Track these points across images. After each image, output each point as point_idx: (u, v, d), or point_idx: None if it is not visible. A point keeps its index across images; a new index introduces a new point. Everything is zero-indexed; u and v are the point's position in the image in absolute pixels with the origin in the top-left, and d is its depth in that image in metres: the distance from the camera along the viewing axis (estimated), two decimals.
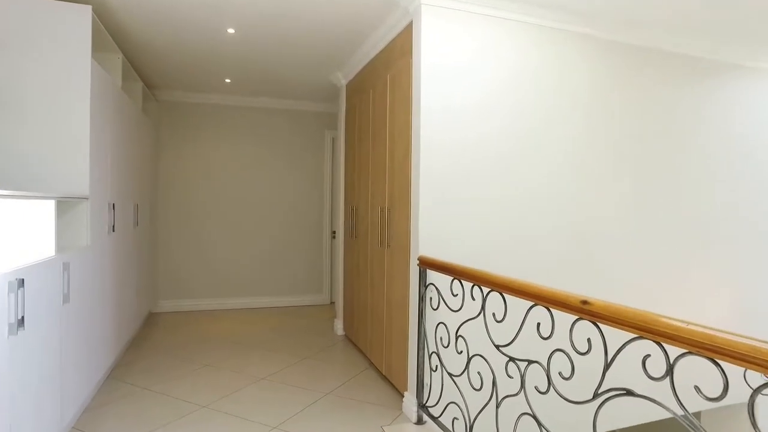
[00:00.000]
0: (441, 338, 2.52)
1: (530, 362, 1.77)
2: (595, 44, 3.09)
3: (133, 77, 4.11)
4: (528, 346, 1.90)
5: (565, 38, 3.00)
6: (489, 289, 2.00)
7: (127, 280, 3.65)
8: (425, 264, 2.55)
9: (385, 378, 3.32)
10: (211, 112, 5.32)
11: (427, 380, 2.60)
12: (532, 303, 1.73)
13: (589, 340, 1.45)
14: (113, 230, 3.10)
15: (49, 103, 2.49)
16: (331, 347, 4.06)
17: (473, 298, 2.15)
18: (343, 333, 4.42)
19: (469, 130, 2.77)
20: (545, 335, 1.68)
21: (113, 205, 3.10)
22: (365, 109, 3.73)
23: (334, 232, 5.78)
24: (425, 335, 2.59)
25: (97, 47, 3.22)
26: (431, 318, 2.59)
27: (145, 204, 4.41)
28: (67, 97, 2.51)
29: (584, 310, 1.46)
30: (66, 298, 2.20)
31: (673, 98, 3.35)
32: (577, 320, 1.53)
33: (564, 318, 1.62)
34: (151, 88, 4.99)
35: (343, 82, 4.40)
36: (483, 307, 2.07)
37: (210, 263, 5.33)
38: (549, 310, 1.66)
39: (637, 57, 3.22)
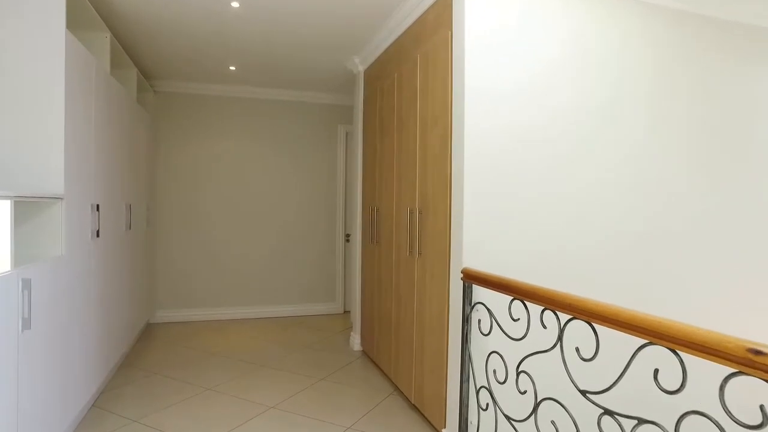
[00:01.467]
0: (495, 371, 2.05)
1: (643, 421, 1.29)
2: (663, 16, 2.60)
3: (126, 63, 3.67)
4: (637, 396, 1.42)
5: (626, 7, 2.52)
6: (570, 317, 1.52)
7: (117, 291, 3.20)
8: (471, 278, 2.08)
9: (414, 407, 2.84)
10: (215, 105, 4.88)
11: (473, 419, 2.13)
12: (645, 341, 1.26)
13: (763, 408, 0.97)
14: (97, 235, 2.65)
15: (13, 85, 2.04)
16: (349, 366, 3.60)
17: (544, 326, 1.68)
18: (361, 348, 3.95)
19: (520, 114, 2.29)
20: (671, 387, 1.20)
21: (97, 206, 2.65)
22: (388, 97, 3.26)
23: (348, 236, 5.32)
24: (471, 365, 2.12)
25: (80, 23, 2.77)
26: (480, 345, 2.12)
27: (140, 205, 3.97)
28: (34, 77, 2.07)
29: (754, 364, 0.98)
30: (26, 324, 1.75)
31: (759, 80, 2.85)
32: (733, 374, 1.05)
33: (707, 367, 1.14)
34: (148, 78, 4.56)
35: (361, 68, 3.94)
36: (560, 339, 1.60)
37: (214, 269, 4.88)
38: (676, 353, 1.19)
39: (714, 31, 2.73)
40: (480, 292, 2.10)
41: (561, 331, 1.60)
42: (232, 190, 4.93)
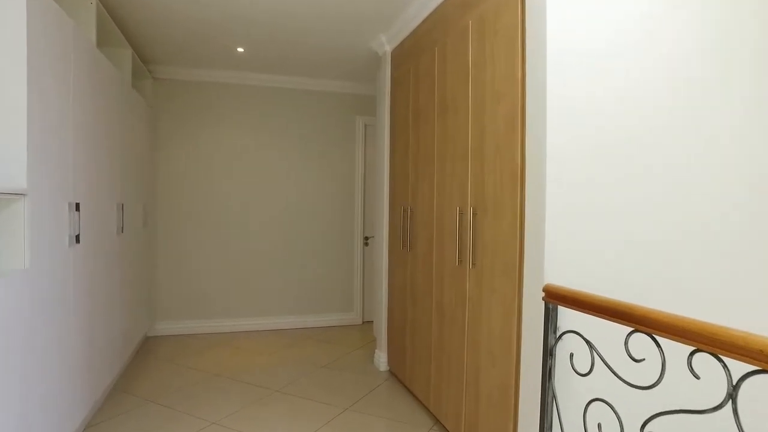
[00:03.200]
0: (600, 426, 1.54)
1: None
2: None
3: (118, 41, 3.18)
4: None
5: None
6: (757, 368, 1.01)
7: (105, 305, 2.72)
8: (558, 298, 1.58)
9: None
10: (220, 94, 4.38)
11: None
12: None
13: None
14: (77, 240, 2.16)
15: None
16: (376, 391, 3.09)
17: (695, 374, 1.17)
18: (388, 368, 3.45)
19: (613, 80, 1.78)
20: None
21: (77, 205, 2.16)
22: (426, 78, 2.76)
23: (366, 239, 4.81)
24: (557, 412, 1.61)
25: None
26: (572, 387, 1.61)
27: (136, 205, 3.48)
28: None
29: None
30: None
31: None
32: None
33: None
34: (146, 63, 4.07)
35: (388, 48, 3.44)
36: (732, 399, 1.09)
37: (219, 276, 4.39)
38: None
39: None
40: (570, 317, 1.59)
41: (735, 386, 1.09)
42: (240, 188, 4.44)
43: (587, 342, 1.52)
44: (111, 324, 2.82)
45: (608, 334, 1.45)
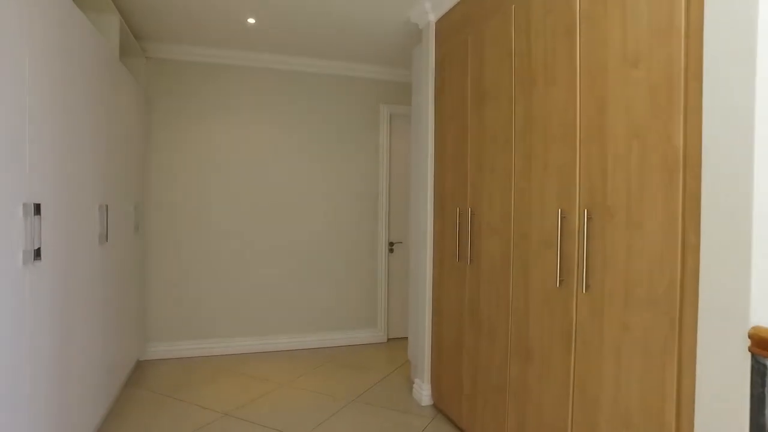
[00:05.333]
0: None
1: None
2: None
3: (103, 3, 2.57)
4: None
5: None
6: None
7: (82, 335, 2.10)
8: None
9: None
10: (225, 77, 3.77)
11: None
12: None
13: None
14: (37, 256, 1.54)
15: None
16: None
17: None
18: (431, 402, 2.86)
19: None
20: None
21: (37, 207, 1.55)
22: (496, 45, 2.17)
23: (391, 244, 4.22)
24: None
25: None
26: None
27: (124, 206, 2.87)
28: None
29: None
30: None
31: None
32: None
33: None
34: (138, 39, 3.46)
35: (432, 17, 2.85)
36: None
37: (222, 288, 3.78)
38: None
39: None
40: None
41: None
42: (247, 187, 3.83)
43: None
44: (91, 356, 2.21)
45: None
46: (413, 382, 3.12)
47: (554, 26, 1.78)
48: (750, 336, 1.08)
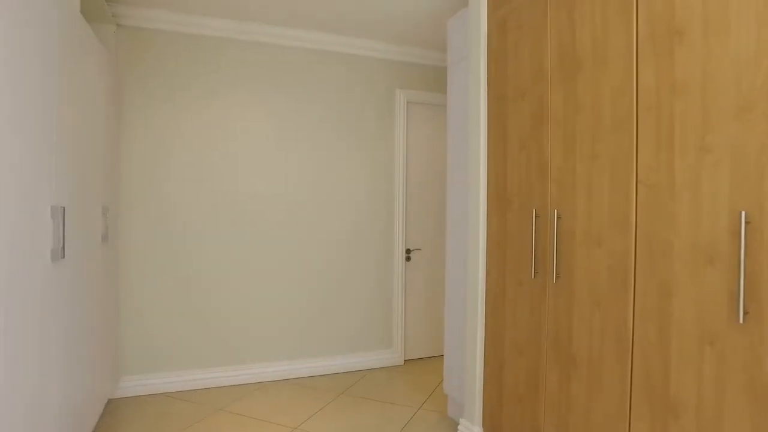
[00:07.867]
0: None
1: None
2: None
3: None
4: None
5: None
6: None
7: (33, 381, 1.46)
8: None
9: None
10: (212, 51, 3.14)
11: None
12: None
13: None
14: None
15: None
16: None
17: None
18: None
19: None
20: None
21: None
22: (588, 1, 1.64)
23: (408, 252, 3.66)
24: None
25: None
26: None
27: (91, 207, 2.22)
28: None
29: None
30: None
31: None
32: None
33: None
34: (109, 3, 2.80)
35: None
36: None
37: (210, 308, 3.13)
38: None
39: None
40: None
41: None
42: (239, 181, 3.20)
43: None
44: (43, 406, 1.57)
45: None
46: (457, 423, 2.57)
47: None
48: None
